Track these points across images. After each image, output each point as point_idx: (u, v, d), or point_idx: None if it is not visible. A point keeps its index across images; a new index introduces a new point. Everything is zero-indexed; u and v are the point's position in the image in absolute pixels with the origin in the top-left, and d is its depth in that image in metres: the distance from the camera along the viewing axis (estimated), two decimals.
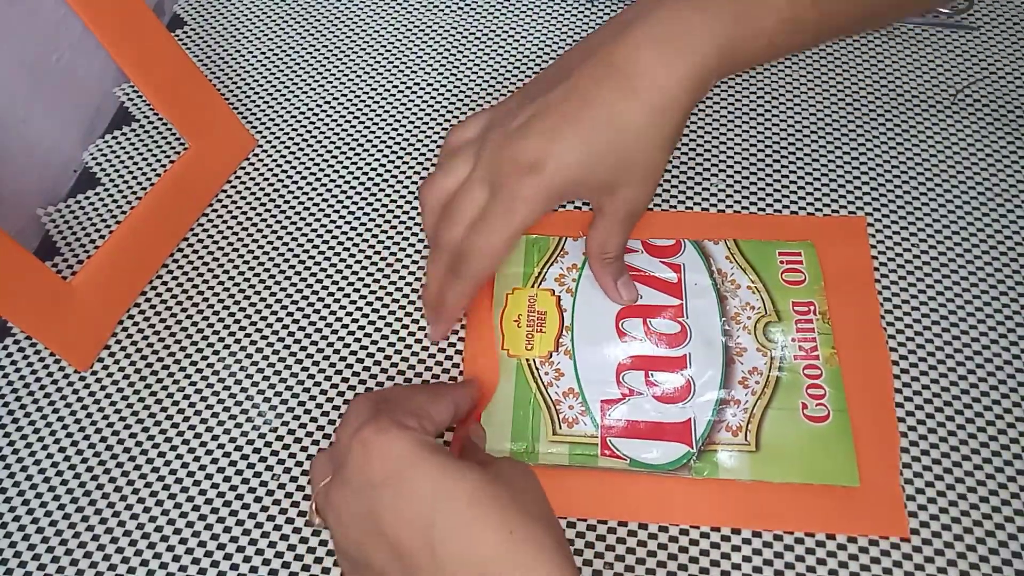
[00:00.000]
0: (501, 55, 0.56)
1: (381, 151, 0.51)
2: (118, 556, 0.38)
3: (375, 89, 0.55)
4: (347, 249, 0.47)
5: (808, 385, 0.40)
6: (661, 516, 0.38)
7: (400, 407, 0.32)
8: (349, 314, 0.45)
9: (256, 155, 0.52)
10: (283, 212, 0.49)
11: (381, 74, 0.55)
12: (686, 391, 0.40)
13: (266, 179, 0.51)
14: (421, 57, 0.56)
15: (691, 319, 0.42)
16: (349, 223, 0.48)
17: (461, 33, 0.57)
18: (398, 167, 0.51)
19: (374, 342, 0.44)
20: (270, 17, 0.59)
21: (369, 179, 0.50)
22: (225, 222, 0.49)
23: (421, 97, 0.54)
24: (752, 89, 0.53)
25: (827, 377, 0.40)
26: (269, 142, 0.52)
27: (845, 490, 0.38)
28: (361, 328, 0.44)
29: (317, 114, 0.53)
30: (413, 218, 0.49)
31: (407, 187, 0.50)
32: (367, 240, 0.48)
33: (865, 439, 0.39)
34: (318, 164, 0.51)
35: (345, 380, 0.43)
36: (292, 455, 0.41)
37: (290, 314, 0.45)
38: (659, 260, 0.45)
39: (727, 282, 0.44)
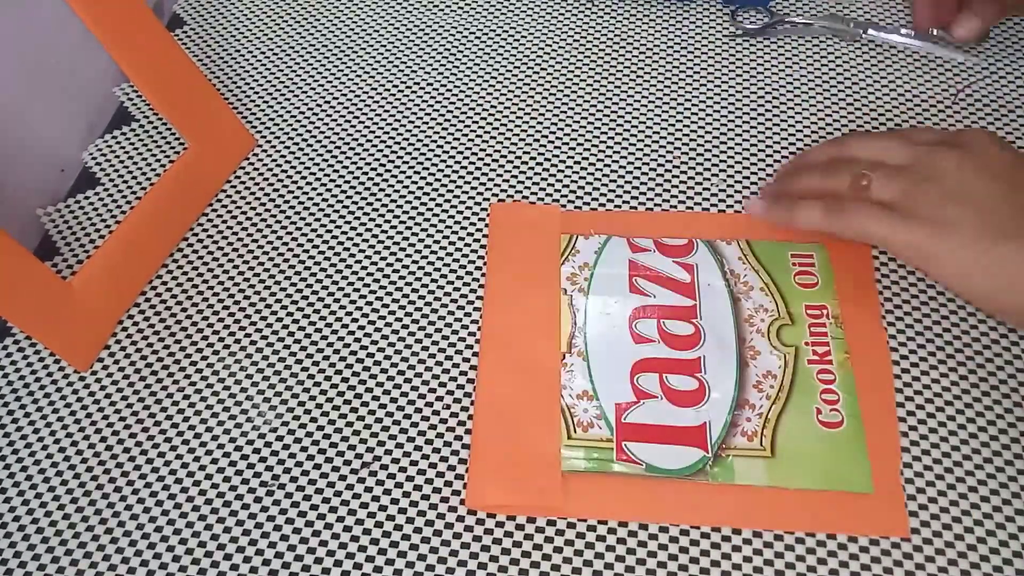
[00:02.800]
0: (502, 54, 0.56)
1: (381, 151, 0.51)
2: (118, 556, 0.38)
3: (376, 89, 0.55)
4: (347, 249, 0.47)
5: (822, 390, 0.40)
6: (677, 519, 0.38)
7: None
8: (349, 314, 0.45)
9: (256, 155, 0.52)
10: (283, 212, 0.49)
11: (382, 74, 0.55)
12: (700, 394, 0.40)
13: (266, 179, 0.51)
14: (422, 57, 0.56)
15: (705, 321, 0.42)
16: (349, 223, 0.48)
17: (462, 32, 0.57)
18: (398, 167, 0.51)
19: (374, 342, 0.44)
20: (270, 16, 0.59)
21: (369, 179, 0.50)
22: (225, 222, 0.49)
23: (421, 97, 0.54)
24: (752, 89, 0.53)
25: (840, 382, 0.40)
26: (269, 142, 0.52)
27: (857, 495, 0.37)
28: (361, 328, 0.44)
29: (317, 114, 0.53)
30: (413, 218, 0.48)
31: (407, 187, 0.50)
32: (367, 240, 0.48)
33: (873, 442, 0.39)
34: (318, 164, 0.51)
35: (345, 380, 0.43)
36: (292, 455, 0.41)
37: (290, 314, 0.45)
38: (672, 260, 0.44)
39: (740, 283, 0.43)
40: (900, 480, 0.38)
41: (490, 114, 0.53)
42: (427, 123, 0.53)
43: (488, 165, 0.50)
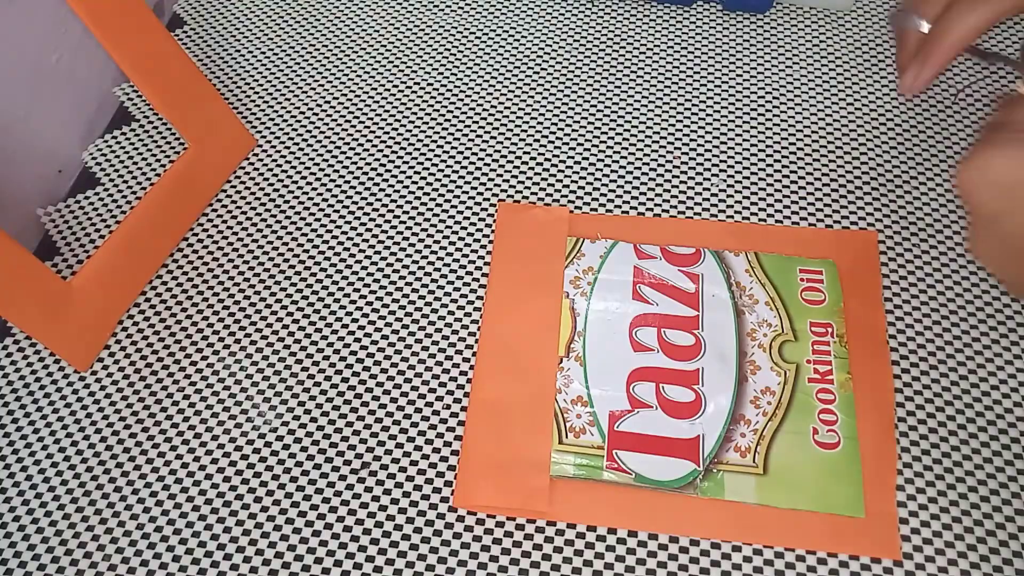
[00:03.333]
0: (502, 54, 0.56)
1: (381, 151, 0.51)
2: (118, 556, 0.38)
3: (376, 89, 0.54)
4: (347, 249, 0.47)
5: (820, 410, 0.40)
6: (664, 529, 0.38)
7: None
8: (349, 314, 0.45)
9: (256, 155, 0.52)
10: (283, 212, 0.49)
11: (382, 74, 0.55)
12: (696, 406, 0.40)
13: (266, 179, 0.51)
14: (422, 56, 0.56)
15: (706, 332, 0.42)
16: (349, 223, 0.48)
17: (462, 32, 0.57)
18: (398, 167, 0.51)
19: (374, 342, 0.44)
20: (270, 16, 0.59)
21: (369, 179, 0.50)
22: (225, 222, 0.49)
23: (422, 97, 0.54)
24: (752, 88, 0.53)
25: (840, 403, 0.40)
26: (269, 142, 0.52)
27: (847, 518, 0.37)
28: (361, 328, 0.44)
29: (317, 114, 0.53)
30: (413, 218, 0.48)
31: (407, 187, 0.50)
32: (367, 240, 0.48)
33: (868, 465, 0.38)
34: (318, 164, 0.51)
35: (345, 380, 0.43)
36: (292, 455, 0.41)
37: (290, 314, 0.45)
38: (678, 268, 0.44)
39: (745, 296, 0.43)
40: (895, 504, 0.37)
41: (490, 114, 0.53)
42: (427, 123, 0.53)
43: (488, 165, 0.50)
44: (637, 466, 0.39)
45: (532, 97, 0.53)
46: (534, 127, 0.52)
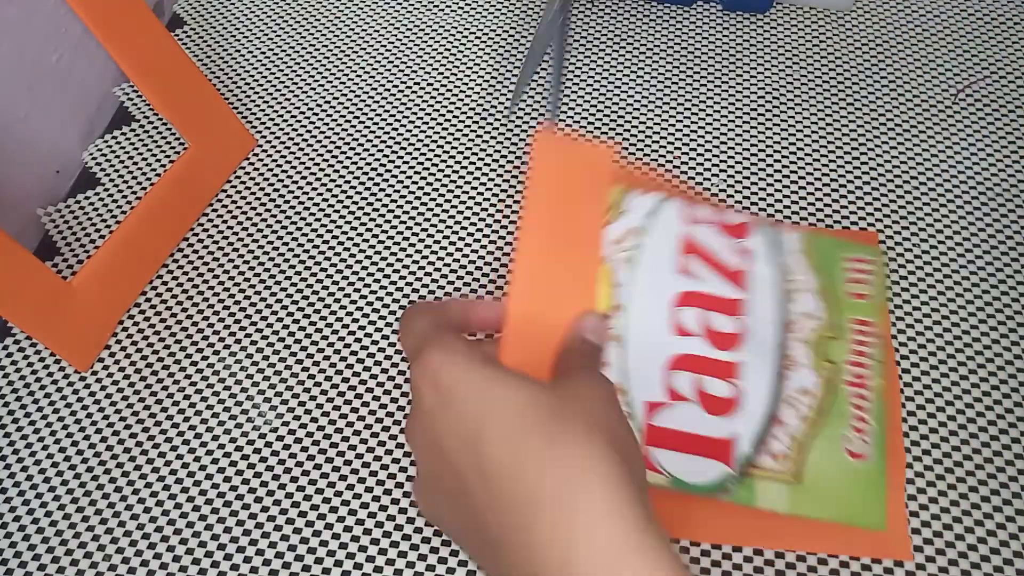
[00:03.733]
0: (502, 54, 0.56)
1: (381, 151, 0.51)
2: (118, 556, 0.38)
3: (376, 89, 0.54)
4: (347, 249, 0.47)
5: (854, 417, 0.35)
6: (688, 534, 0.37)
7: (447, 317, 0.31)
8: (349, 314, 0.45)
9: (256, 155, 0.52)
10: (283, 212, 0.49)
11: (382, 74, 0.55)
12: (733, 404, 0.35)
13: (266, 179, 0.51)
14: (422, 56, 0.56)
15: (749, 319, 0.36)
16: (349, 223, 0.48)
17: (462, 32, 0.57)
18: (398, 167, 0.51)
19: (374, 342, 0.44)
20: (270, 16, 0.59)
21: (369, 179, 0.50)
22: (225, 222, 0.49)
23: (421, 97, 0.54)
24: (752, 88, 0.53)
25: (872, 410, 0.36)
26: (269, 142, 0.52)
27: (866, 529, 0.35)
28: (361, 328, 0.44)
29: (317, 114, 0.53)
30: (413, 218, 0.48)
31: (407, 187, 0.50)
32: (367, 240, 0.48)
33: (889, 474, 0.36)
34: (318, 164, 0.51)
35: (345, 380, 0.43)
36: (292, 455, 0.41)
37: (290, 314, 0.45)
38: (728, 239, 0.37)
39: (793, 282, 0.37)
40: (905, 509, 0.37)
41: (490, 114, 0.53)
42: (427, 123, 0.53)
43: (488, 165, 0.50)
44: (672, 467, 0.34)
45: (532, 97, 0.53)
46: (534, 127, 0.52)
